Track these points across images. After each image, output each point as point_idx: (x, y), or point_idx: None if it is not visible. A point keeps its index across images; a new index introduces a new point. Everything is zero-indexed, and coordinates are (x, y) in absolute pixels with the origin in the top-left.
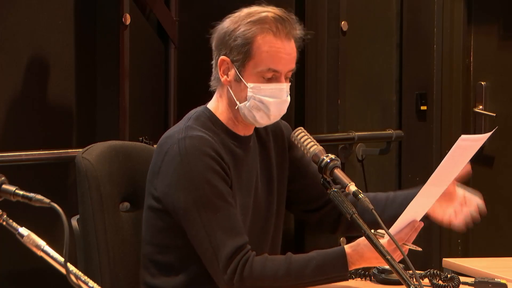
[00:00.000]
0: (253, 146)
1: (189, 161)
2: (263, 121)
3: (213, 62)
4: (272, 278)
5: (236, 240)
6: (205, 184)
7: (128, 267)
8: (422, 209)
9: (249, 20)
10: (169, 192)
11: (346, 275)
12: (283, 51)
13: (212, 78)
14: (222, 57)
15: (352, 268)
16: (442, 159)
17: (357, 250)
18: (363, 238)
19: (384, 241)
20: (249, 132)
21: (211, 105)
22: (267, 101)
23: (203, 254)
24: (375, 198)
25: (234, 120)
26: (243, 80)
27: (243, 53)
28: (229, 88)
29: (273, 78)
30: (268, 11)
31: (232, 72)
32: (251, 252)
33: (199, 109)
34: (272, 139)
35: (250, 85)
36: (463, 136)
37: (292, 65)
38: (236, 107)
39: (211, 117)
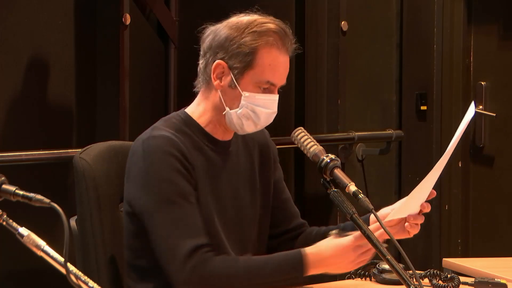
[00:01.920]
0: (235, 152)
1: (152, 161)
2: (249, 129)
3: (201, 63)
4: (230, 277)
5: (195, 240)
6: (166, 183)
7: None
8: (423, 193)
9: (253, 30)
10: (135, 194)
11: (303, 276)
12: (283, 65)
13: (199, 79)
14: (218, 61)
15: (311, 271)
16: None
17: (317, 252)
18: (323, 240)
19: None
20: (228, 137)
21: (189, 108)
22: (259, 110)
23: (161, 253)
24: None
25: (215, 124)
26: (239, 88)
27: (245, 62)
28: (220, 92)
29: (268, 89)
30: (270, 22)
31: (227, 78)
32: (211, 252)
33: (174, 112)
34: (258, 151)
35: (245, 93)
36: (466, 120)
37: (284, 80)
38: (223, 113)
39: (186, 119)
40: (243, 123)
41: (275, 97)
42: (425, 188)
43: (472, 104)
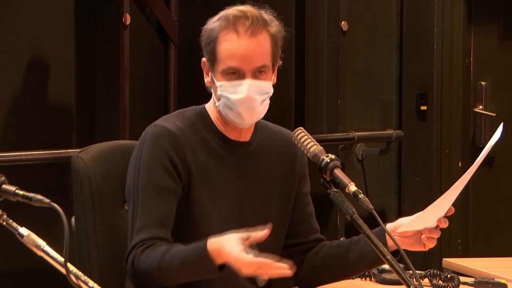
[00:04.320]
0: (254, 156)
1: (143, 147)
2: (238, 120)
3: None
4: (151, 267)
5: (142, 234)
6: (147, 172)
7: (120, 265)
8: (441, 208)
9: (215, 18)
10: (126, 176)
11: (213, 266)
12: (244, 47)
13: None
14: (202, 59)
15: (217, 259)
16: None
17: (217, 240)
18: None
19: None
20: (243, 138)
21: (208, 104)
22: (232, 98)
23: (128, 235)
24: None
25: (221, 122)
26: (214, 80)
27: (210, 52)
28: (211, 89)
29: (238, 76)
30: (235, 9)
31: (209, 74)
32: (143, 247)
33: (193, 106)
34: (283, 160)
35: (218, 83)
36: (491, 142)
37: (258, 62)
38: (219, 109)
39: (201, 114)
40: (228, 114)
41: (244, 81)
42: (443, 204)
43: (501, 126)
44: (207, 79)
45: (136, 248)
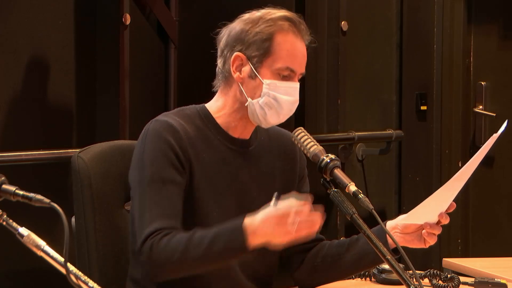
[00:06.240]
0: (256, 154)
1: (146, 142)
2: (272, 120)
3: (220, 62)
4: (174, 252)
5: (155, 224)
6: (151, 165)
7: (120, 265)
8: (443, 203)
9: (269, 17)
10: (130, 172)
11: (245, 243)
12: (301, 51)
13: (217, 78)
14: (237, 53)
15: (252, 239)
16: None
17: (252, 218)
18: (263, 211)
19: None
20: (246, 136)
21: (209, 103)
22: (281, 98)
23: (134, 230)
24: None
25: (234, 119)
26: (259, 77)
27: (262, 49)
28: (240, 85)
29: (288, 77)
30: (283, 11)
31: (246, 69)
32: (161, 234)
33: (193, 104)
34: (282, 158)
35: (266, 81)
36: (494, 135)
37: (304, 69)
38: (246, 104)
39: (202, 113)
40: (266, 112)
41: (296, 84)
42: (445, 197)
43: (505, 123)
44: (237, 75)
45: (153, 236)
